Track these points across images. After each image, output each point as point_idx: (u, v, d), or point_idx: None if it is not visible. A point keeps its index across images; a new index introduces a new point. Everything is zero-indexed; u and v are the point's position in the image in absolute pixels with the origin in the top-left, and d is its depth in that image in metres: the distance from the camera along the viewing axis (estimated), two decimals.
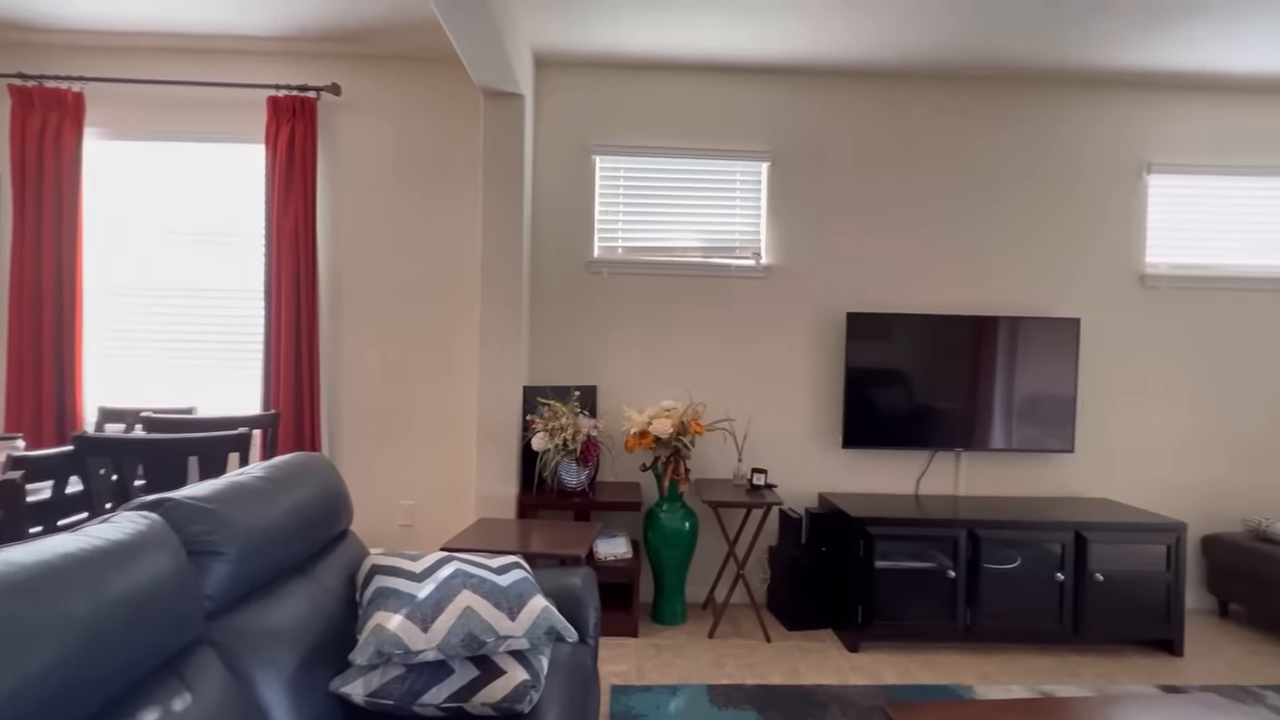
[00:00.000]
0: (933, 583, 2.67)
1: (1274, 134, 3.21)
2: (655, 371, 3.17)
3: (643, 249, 3.18)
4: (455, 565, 1.48)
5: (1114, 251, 3.21)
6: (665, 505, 2.90)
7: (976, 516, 2.73)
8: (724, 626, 2.88)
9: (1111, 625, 2.68)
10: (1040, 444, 3.10)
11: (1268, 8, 2.46)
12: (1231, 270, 3.23)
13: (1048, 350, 3.08)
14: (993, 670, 2.55)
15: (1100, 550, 2.67)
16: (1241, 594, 2.98)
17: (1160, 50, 2.83)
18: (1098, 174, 3.21)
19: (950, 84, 3.17)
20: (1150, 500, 3.22)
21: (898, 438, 3.07)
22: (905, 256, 3.19)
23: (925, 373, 3.06)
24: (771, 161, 3.16)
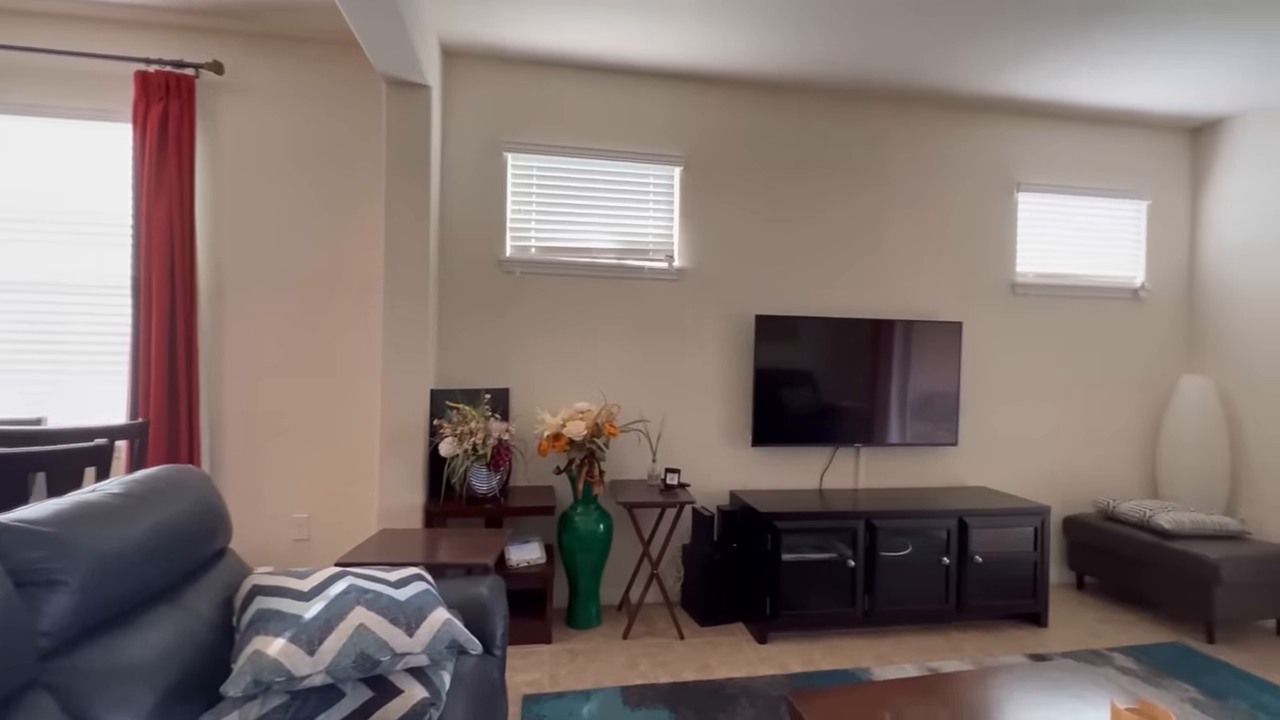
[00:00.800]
0: (834, 572, 2.81)
1: (1119, 160, 3.64)
2: (569, 373, 3.14)
3: (557, 249, 3.14)
4: (348, 581, 1.39)
5: (990, 261, 3.53)
6: (580, 508, 2.88)
7: (873, 508, 2.90)
8: (638, 627, 2.90)
9: (988, 603, 2.93)
10: (930, 438, 3.34)
11: (1114, 49, 2.79)
12: (1085, 280, 3.63)
13: (935, 352, 3.33)
14: (888, 652, 2.72)
15: (979, 535, 2.92)
16: (1095, 568, 3.35)
17: (1027, 81, 3.13)
18: (976, 190, 3.51)
19: (849, 99, 3.36)
20: (1021, 487, 3.55)
21: (803, 435, 3.21)
22: (810, 262, 3.35)
23: (828, 373, 3.22)
24: (684, 166, 3.22)
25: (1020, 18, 2.57)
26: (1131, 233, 3.69)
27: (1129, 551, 3.12)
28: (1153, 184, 3.68)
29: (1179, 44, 2.74)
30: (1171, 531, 2.98)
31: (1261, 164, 3.37)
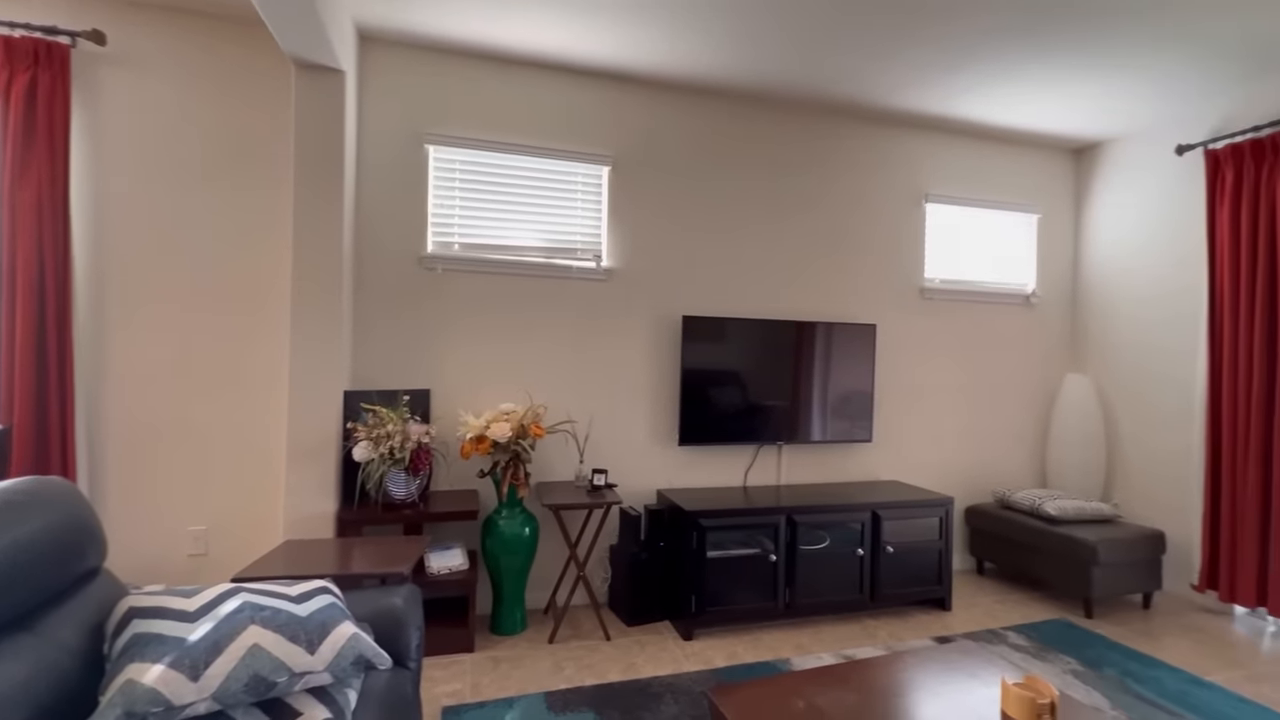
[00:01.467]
0: (757, 567, 2.89)
1: (1014, 176, 3.94)
2: (494, 374, 3.06)
3: (481, 245, 3.06)
4: (242, 598, 1.29)
5: (901, 267, 3.73)
6: (504, 511, 2.82)
7: (794, 503, 2.99)
8: (564, 630, 2.86)
9: (899, 590, 3.09)
10: (847, 435, 3.49)
11: (1003, 75, 3.01)
12: (984, 286, 3.91)
13: (852, 352, 3.48)
14: (807, 642, 2.81)
15: (891, 526, 3.08)
16: (993, 554, 3.60)
17: (933, 99, 3.33)
18: (889, 199, 3.70)
19: (774, 108, 3.47)
20: (928, 480, 3.78)
21: (728, 434, 3.28)
22: (735, 265, 3.42)
23: (752, 373, 3.31)
24: (612, 166, 3.22)
25: (915, 42, 2.72)
26: (1025, 243, 4.00)
27: (1021, 537, 3.38)
28: (1043, 199, 4.01)
29: (1060, 73, 2.99)
30: (1057, 518, 3.26)
31: (1131, 185, 3.74)
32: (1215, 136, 3.25)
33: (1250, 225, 3.03)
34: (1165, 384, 3.52)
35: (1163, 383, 3.53)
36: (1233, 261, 3.11)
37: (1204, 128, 3.35)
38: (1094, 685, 2.44)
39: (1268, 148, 2.98)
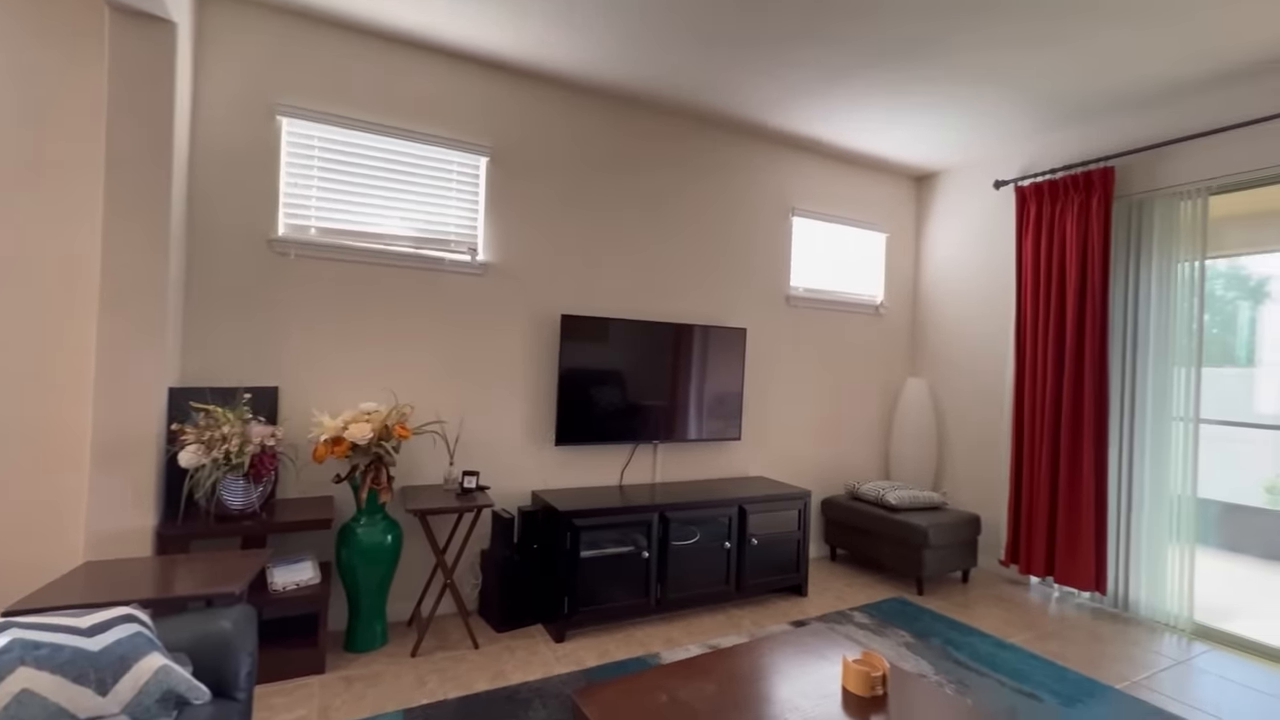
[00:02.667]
0: (630, 565, 2.92)
1: (867, 197, 4.34)
2: (355, 371, 2.84)
3: (342, 231, 2.82)
4: (10, 635, 1.08)
5: (769, 274, 3.97)
6: (363, 519, 2.62)
7: (667, 501, 3.07)
8: (430, 641, 2.72)
9: (762, 580, 3.28)
10: (719, 434, 3.65)
11: (854, 105, 3.31)
12: (841, 296, 4.26)
13: (725, 355, 3.64)
14: (677, 635, 2.90)
15: (755, 519, 3.25)
16: (845, 541, 3.94)
17: (797, 120, 3.58)
18: (760, 210, 3.92)
19: (655, 112, 3.54)
20: (790, 474, 4.05)
21: (605, 433, 3.29)
22: (615, 265, 3.45)
23: (629, 373, 3.35)
24: (491, 157, 3.11)
25: (787, 63, 2.92)
26: (875, 259, 4.42)
27: (867, 525, 3.72)
28: (890, 219, 4.46)
29: (904, 107, 3.35)
30: (896, 506, 3.63)
31: (960, 212, 4.27)
32: (1024, 175, 3.79)
33: (1046, 253, 3.57)
34: (983, 388, 4.05)
35: (981, 387, 4.06)
36: (1034, 283, 3.64)
37: (1016, 167, 3.90)
38: (922, 655, 2.75)
39: (1059, 188, 3.53)
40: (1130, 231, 3.36)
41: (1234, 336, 4.77)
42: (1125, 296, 3.35)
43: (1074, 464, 3.38)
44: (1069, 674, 2.62)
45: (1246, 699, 2.51)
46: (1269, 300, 4.71)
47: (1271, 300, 4.68)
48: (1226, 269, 4.66)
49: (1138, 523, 3.27)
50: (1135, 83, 3.01)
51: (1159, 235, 3.24)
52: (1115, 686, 2.54)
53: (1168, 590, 3.15)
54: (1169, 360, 3.20)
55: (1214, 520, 4.40)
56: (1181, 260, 3.16)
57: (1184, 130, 3.14)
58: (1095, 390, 3.31)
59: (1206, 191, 3.08)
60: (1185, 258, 3.15)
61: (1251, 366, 4.60)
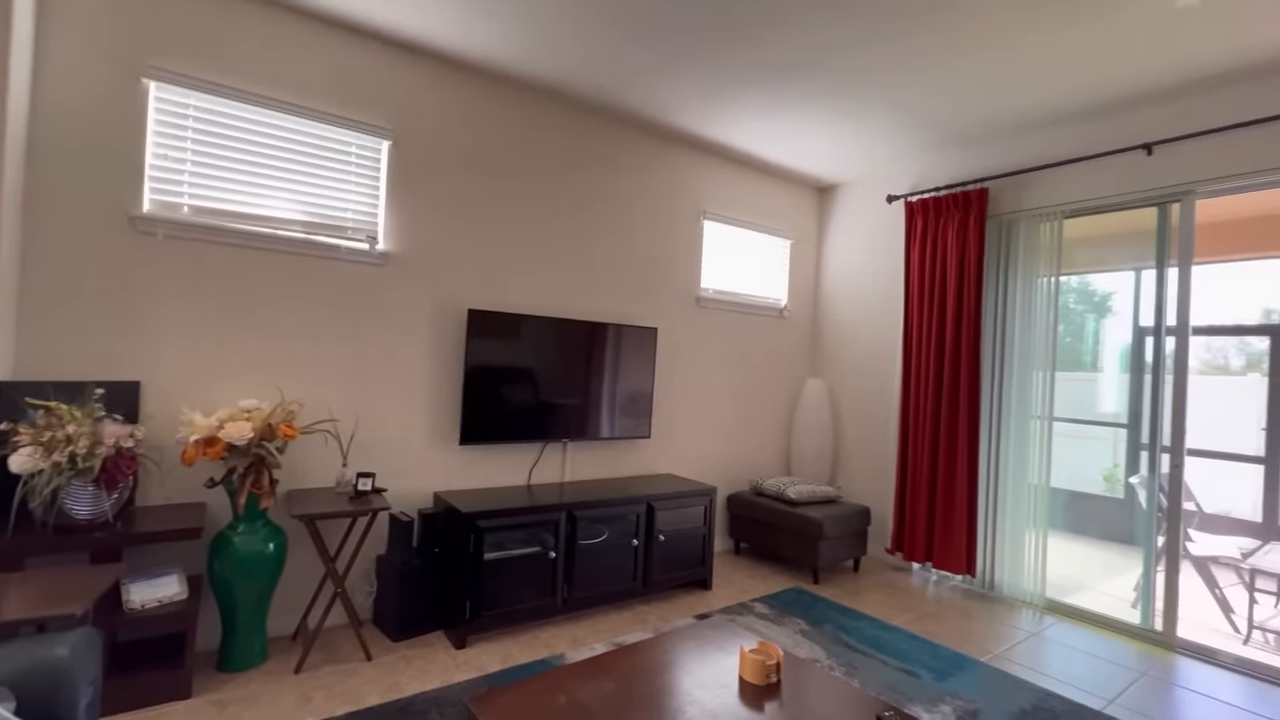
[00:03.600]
0: (537, 566, 2.87)
1: (773, 204, 4.53)
2: (235, 365, 2.60)
3: (221, 211, 2.57)
4: None
5: (681, 275, 4.04)
6: (241, 527, 2.40)
7: (576, 499, 3.05)
8: (316, 655, 2.54)
9: (669, 575, 3.34)
10: (630, 432, 3.67)
11: (763, 115, 3.44)
12: (749, 299, 4.41)
13: (636, 354, 3.67)
14: (583, 635, 2.88)
15: (663, 516, 3.30)
16: (748, 535, 4.09)
17: (710, 126, 3.67)
18: (673, 212, 3.98)
19: (572, 107, 3.49)
20: (698, 471, 4.15)
21: (513, 432, 3.21)
22: (528, 261, 3.38)
23: (538, 370, 3.29)
24: (394, 141, 2.95)
25: (701, 68, 2.98)
26: (779, 264, 4.62)
27: (769, 519, 3.88)
28: (794, 227, 4.67)
29: (809, 120, 3.52)
30: (795, 500, 3.81)
31: (857, 223, 4.54)
32: (912, 191, 4.09)
33: (930, 264, 3.88)
34: (875, 388, 4.33)
35: (874, 387, 4.35)
36: (920, 292, 3.94)
37: (906, 183, 4.20)
38: (816, 641, 2.90)
39: (943, 205, 3.85)
40: (1001, 247, 3.71)
41: (1082, 345, 5.41)
42: (996, 306, 3.70)
43: (950, 458, 3.70)
44: (942, 651, 2.86)
45: (1085, 664, 2.84)
46: (1111, 314, 5.39)
47: (1112, 314, 5.36)
48: (1078, 285, 5.27)
49: (1002, 511, 3.63)
50: (1003, 115, 3.34)
51: (1023, 252, 3.60)
52: (981, 659, 2.80)
53: (1025, 571, 3.52)
54: (1030, 365, 3.56)
55: (1062, 506, 4.96)
56: (1041, 275, 3.53)
57: (1045, 159, 3.51)
58: (969, 391, 3.63)
59: (1062, 215, 3.46)
60: (1044, 273, 3.52)
61: (1096, 371, 5.24)
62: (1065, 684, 2.63)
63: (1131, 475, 4.42)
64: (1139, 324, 4.58)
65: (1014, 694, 2.50)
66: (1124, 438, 4.81)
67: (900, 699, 2.42)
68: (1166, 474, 3.16)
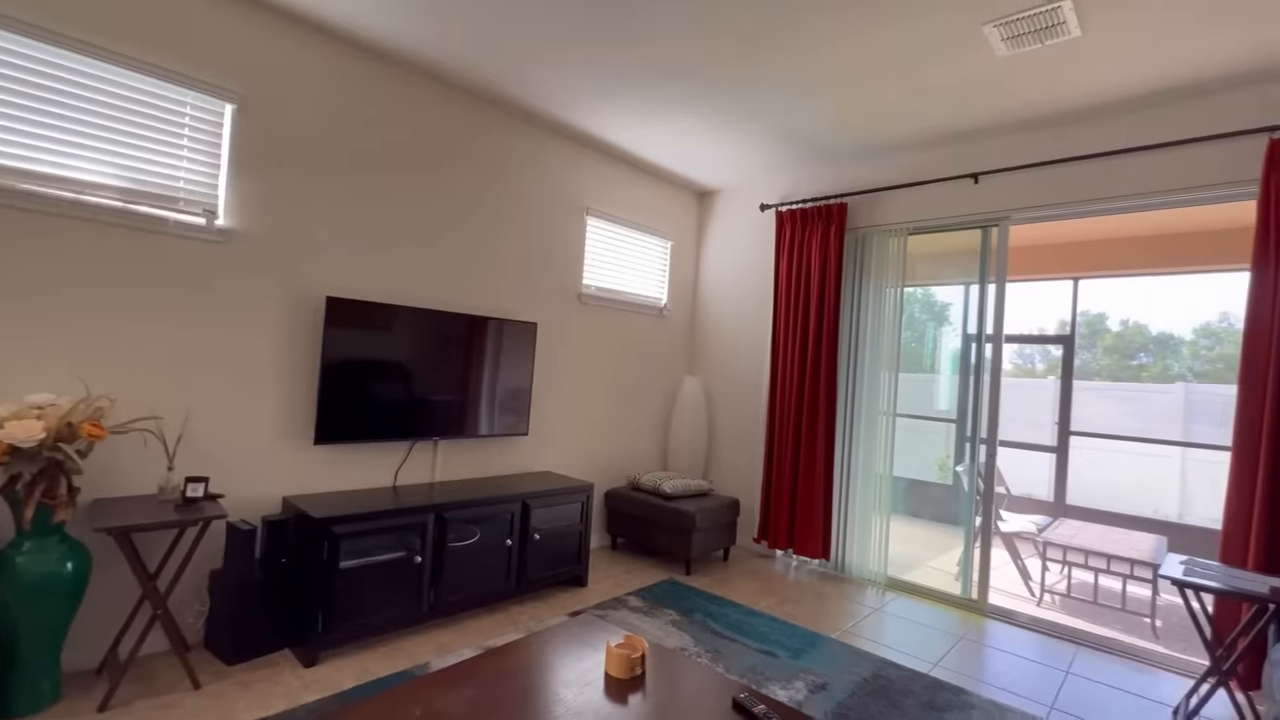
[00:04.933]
0: (400, 571, 2.71)
1: (656, 206, 4.62)
2: (25, 353, 2.19)
3: (7, 170, 2.15)
4: None
5: (563, 271, 4.00)
6: (28, 544, 2.03)
7: (446, 500, 2.91)
8: (130, 688, 2.21)
9: (544, 574, 3.29)
10: (507, 429, 3.57)
11: (644, 117, 3.50)
12: (630, 297, 4.47)
13: (515, 349, 3.57)
14: (451, 641, 2.76)
15: (539, 514, 3.25)
16: (625, 530, 4.14)
17: (595, 122, 3.66)
18: (556, 206, 3.93)
19: (454, 91, 3.32)
20: (577, 468, 4.14)
21: (377, 430, 3.00)
22: (396, 247, 3.16)
23: (406, 364, 3.10)
24: (240, 105, 2.63)
25: (585, 61, 2.97)
26: (661, 264, 4.72)
27: (645, 513, 3.96)
28: (675, 228, 4.80)
29: (690, 125, 3.63)
30: (670, 494, 3.92)
31: (733, 228, 4.76)
32: (783, 201, 4.36)
33: (797, 271, 4.16)
34: (747, 386, 4.57)
35: (746, 384, 4.58)
36: (787, 296, 4.21)
37: (777, 193, 4.47)
38: (686, 630, 3.00)
39: (809, 216, 4.14)
40: (857, 259, 4.06)
41: (923, 349, 6.07)
42: (851, 313, 4.04)
43: (810, 452, 3.99)
44: (799, 630, 3.08)
45: (917, 633, 3.19)
46: (947, 323, 6.11)
47: (949, 323, 6.08)
48: (922, 296, 5.90)
49: (852, 498, 3.98)
50: (860, 138, 3.65)
51: (875, 264, 3.97)
52: (831, 636, 3.05)
53: (871, 552, 3.88)
54: (879, 366, 3.93)
55: (902, 493, 5.53)
56: (889, 286, 3.91)
57: (894, 180, 3.89)
58: (827, 389, 3.94)
59: (906, 231, 3.86)
60: (891, 284, 3.90)
61: (934, 373, 5.91)
62: (900, 652, 2.94)
63: (958, 464, 5.03)
64: (967, 332, 5.23)
65: (857, 665, 2.75)
66: (954, 431, 5.47)
67: (760, 679, 2.56)
68: (984, 462, 3.63)
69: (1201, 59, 2.60)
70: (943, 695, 2.54)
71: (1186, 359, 6.04)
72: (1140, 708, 2.58)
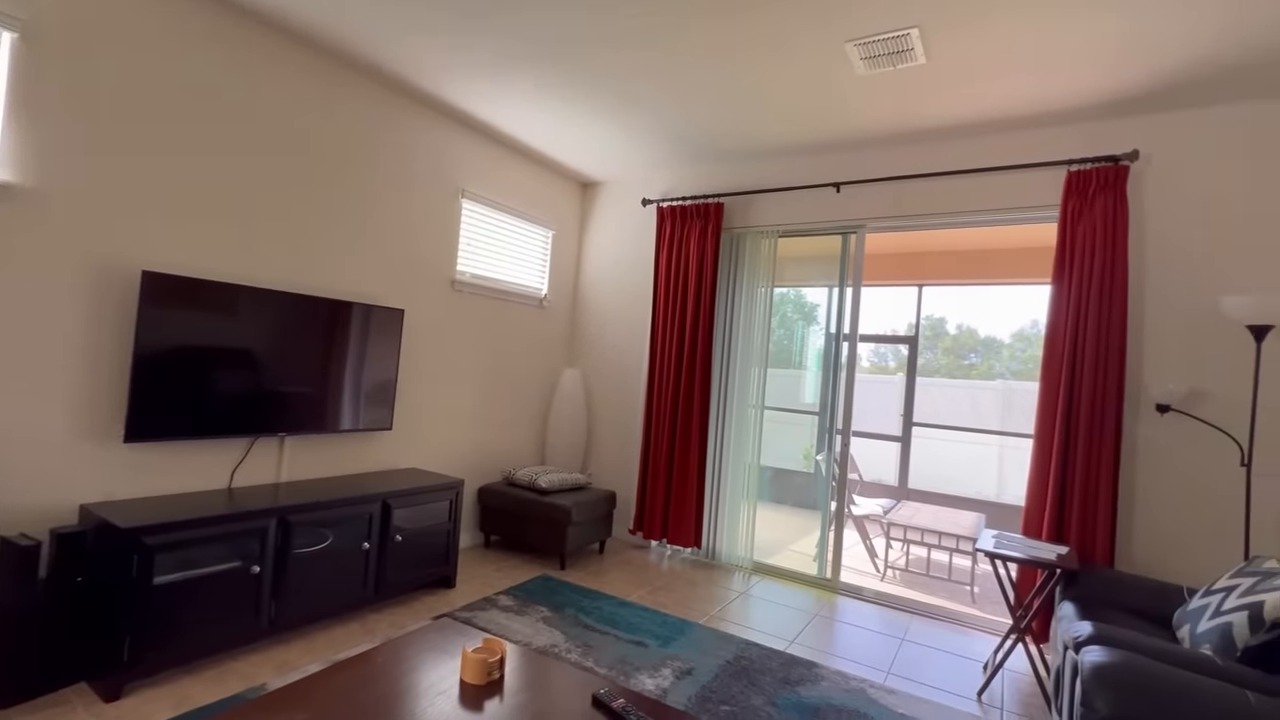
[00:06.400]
0: (235, 583, 2.41)
1: (538, 193, 4.49)
2: None
3: None
4: None
5: (433, 255, 3.77)
6: None
7: (292, 502, 2.63)
8: None
9: (406, 577, 3.09)
10: (368, 423, 3.30)
11: (531, 101, 3.38)
12: (509, 286, 4.32)
13: (378, 337, 3.31)
14: (294, 657, 2.51)
15: (402, 514, 3.05)
16: (499, 527, 4.01)
17: (474, 100, 3.48)
18: (428, 186, 3.69)
19: (328, 59, 2.98)
20: (447, 464, 3.93)
21: (208, 426, 2.64)
22: (246, 222, 2.80)
23: (248, 351, 2.76)
24: (22, 34, 2.18)
25: (464, 30, 2.80)
26: (541, 253, 4.61)
27: (520, 509, 3.86)
28: (558, 218, 4.71)
29: (569, 112, 3.56)
30: (546, 489, 3.85)
31: (616, 221, 4.76)
32: (664, 198, 4.42)
33: (676, 267, 4.24)
34: (626, 378, 4.60)
35: (625, 377, 4.60)
36: (666, 291, 4.28)
37: (659, 189, 4.52)
38: (557, 626, 2.95)
39: (688, 213, 4.23)
40: (732, 258, 4.21)
41: (793, 346, 6.46)
42: (726, 310, 4.19)
43: (685, 443, 4.09)
44: (669, 619, 3.15)
45: (778, 613, 3.39)
46: (815, 322, 6.55)
47: (816, 322, 6.52)
48: (794, 296, 6.25)
49: (723, 488, 4.14)
50: (734, 141, 3.78)
51: (749, 264, 4.14)
52: (700, 622, 3.15)
53: (739, 539, 4.06)
54: (750, 362, 4.11)
55: (769, 482, 5.86)
56: (761, 286, 4.10)
57: (766, 184, 4.08)
58: (702, 383, 4.06)
59: (777, 234, 4.06)
60: (763, 284, 4.09)
61: (803, 369, 6.32)
62: (761, 633, 3.10)
63: (819, 453, 5.42)
64: (830, 331, 5.63)
65: (722, 648, 2.86)
66: (817, 423, 5.88)
67: (629, 669, 2.58)
68: (839, 451, 3.92)
69: (1025, 97, 2.96)
70: (797, 670, 2.71)
71: (1006, 360, 6.96)
72: (958, 665, 2.91)
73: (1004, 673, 2.88)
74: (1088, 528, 2.94)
